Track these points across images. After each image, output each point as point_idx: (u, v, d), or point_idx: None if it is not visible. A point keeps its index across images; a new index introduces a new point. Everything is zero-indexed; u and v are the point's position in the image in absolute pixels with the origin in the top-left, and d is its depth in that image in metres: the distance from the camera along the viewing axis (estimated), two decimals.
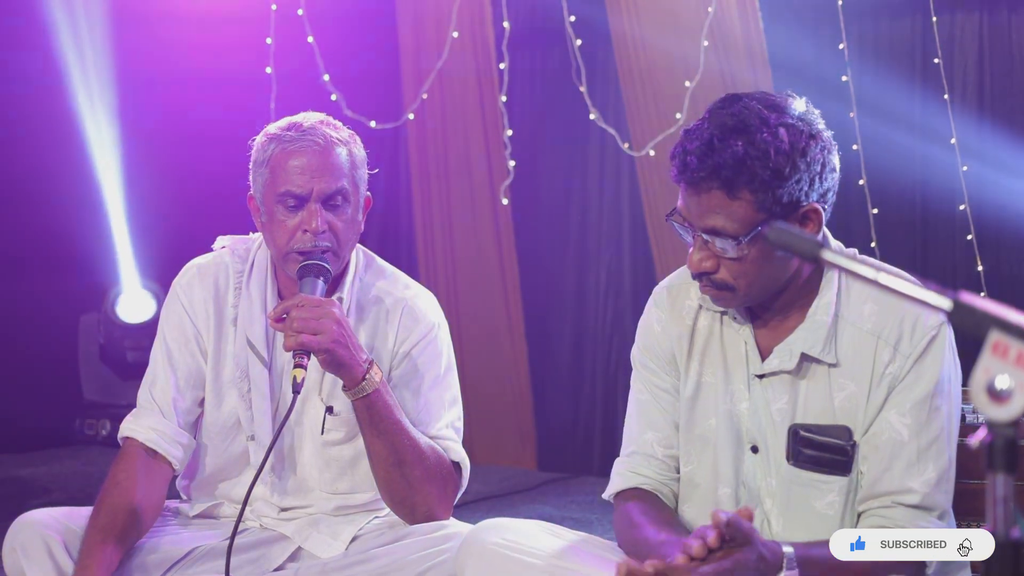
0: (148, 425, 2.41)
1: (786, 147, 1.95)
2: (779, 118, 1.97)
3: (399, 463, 2.31)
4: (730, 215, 1.95)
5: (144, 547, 2.36)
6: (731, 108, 1.99)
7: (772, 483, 2.10)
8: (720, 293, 2.04)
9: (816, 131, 2.00)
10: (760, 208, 1.95)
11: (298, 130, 2.33)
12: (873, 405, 2.04)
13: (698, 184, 1.96)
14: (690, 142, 1.97)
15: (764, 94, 2.03)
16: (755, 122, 1.95)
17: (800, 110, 2.01)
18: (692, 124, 2.02)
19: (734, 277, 2.00)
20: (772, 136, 1.94)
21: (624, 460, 2.24)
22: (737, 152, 1.93)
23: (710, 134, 1.95)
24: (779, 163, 1.94)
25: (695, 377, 2.18)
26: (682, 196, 2.02)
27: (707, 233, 1.98)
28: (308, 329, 2.20)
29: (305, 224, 2.30)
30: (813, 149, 1.98)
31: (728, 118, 1.97)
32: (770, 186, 1.94)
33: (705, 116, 2.01)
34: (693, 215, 1.99)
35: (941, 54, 4.54)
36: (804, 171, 1.97)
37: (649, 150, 4.85)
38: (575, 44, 4.99)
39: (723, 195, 1.95)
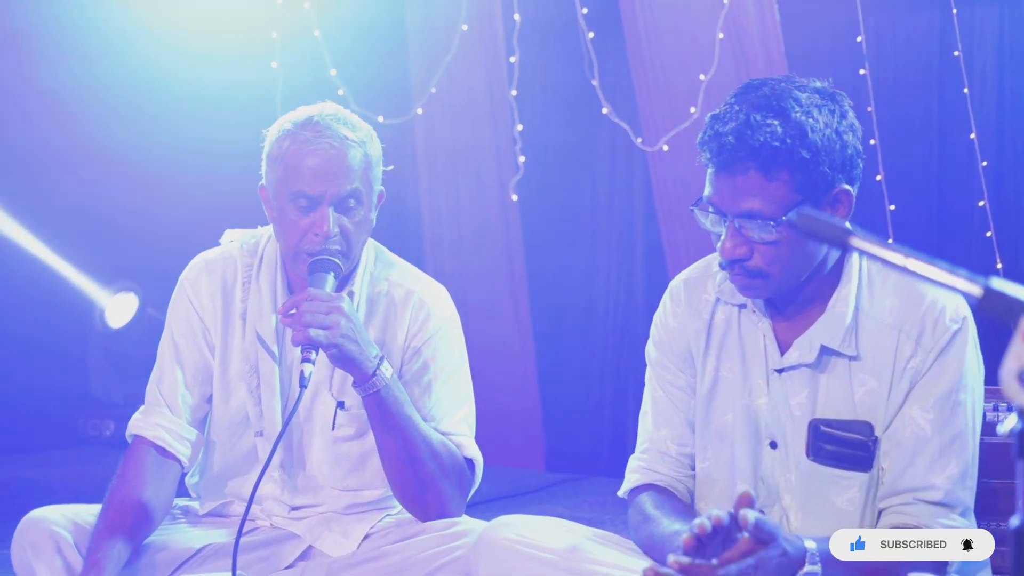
0: (156, 422, 2.38)
1: (821, 127, 1.93)
2: (812, 99, 1.95)
3: (411, 460, 2.28)
4: (767, 197, 1.92)
5: (153, 545, 2.33)
6: (761, 90, 1.97)
7: (791, 479, 2.06)
8: (752, 281, 1.99)
9: (846, 112, 1.99)
10: (797, 189, 1.93)
11: (314, 129, 2.28)
12: (895, 400, 2.01)
13: (733, 166, 1.92)
14: (723, 124, 1.94)
15: (790, 77, 2.01)
16: (790, 103, 1.93)
17: (828, 93, 1.99)
18: (718, 110, 1.99)
19: (767, 263, 1.96)
20: (808, 116, 1.93)
21: (638, 457, 2.22)
22: (775, 132, 1.90)
23: (746, 115, 1.92)
24: (815, 143, 1.92)
25: (712, 372, 2.15)
26: (712, 182, 1.98)
27: (742, 217, 1.94)
28: (317, 324, 2.17)
29: (316, 227, 2.26)
30: (845, 131, 1.97)
31: (760, 99, 1.94)
32: (807, 166, 1.92)
33: (732, 100, 1.98)
34: (726, 200, 1.95)
35: (961, 47, 4.48)
36: (838, 152, 1.96)
37: (663, 145, 4.80)
38: (587, 37, 4.93)
39: (760, 176, 1.92)
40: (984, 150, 4.50)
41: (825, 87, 2.01)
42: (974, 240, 4.56)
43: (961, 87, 4.48)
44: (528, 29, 5.10)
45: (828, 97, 1.98)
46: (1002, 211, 4.53)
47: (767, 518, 1.81)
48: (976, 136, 4.45)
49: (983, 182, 4.43)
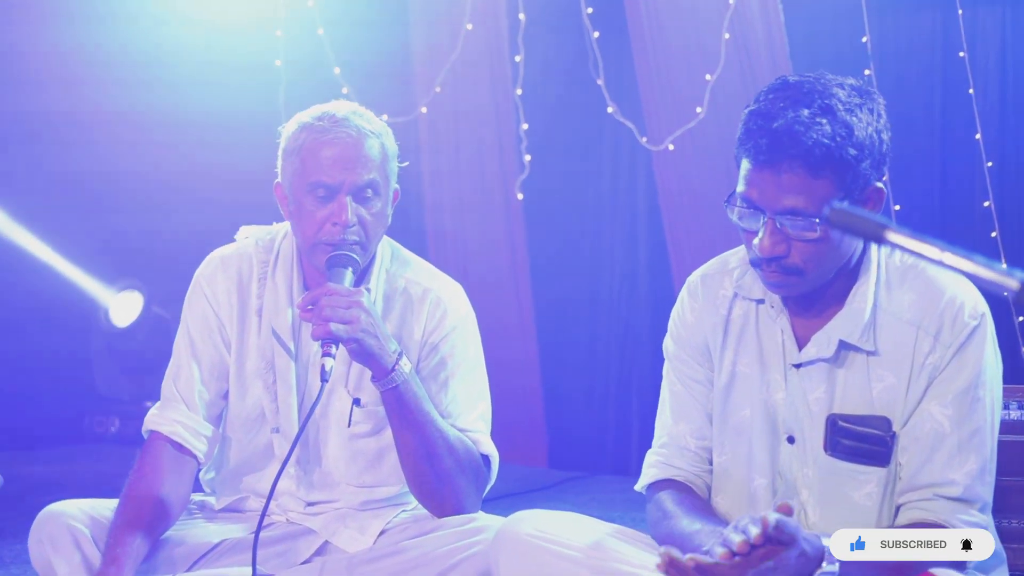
0: (173, 418, 2.38)
1: (864, 126, 1.94)
2: (852, 97, 1.96)
3: (428, 455, 2.28)
4: (811, 195, 1.92)
5: (171, 540, 2.33)
6: (801, 87, 1.96)
7: (809, 474, 2.07)
8: (787, 279, 1.99)
9: (882, 112, 2.00)
10: (839, 187, 1.93)
11: (331, 120, 2.29)
12: (913, 396, 2.02)
13: (779, 164, 1.92)
14: (770, 121, 1.92)
15: (824, 75, 2.01)
16: (834, 101, 1.93)
17: (864, 91, 1.99)
18: (757, 105, 1.97)
19: (804, 261, 1.96)
20: (852, 115, 1.93)
21: (656, 451, 2.22)
22: (826, 131, 1.90)
23: (795, 112, 1.91)
24: (861, 142, 1.93)
25: (729, 367, 2.15)
26: (750, 178, 1.96)
27: (784, 214, 1.93)
28: (337, 318, 2.17)
29: (335, 217, 2.26)
30: (883, 129, 1.98)
31: (803, 96, 1.93)
32: (851, 165, 1.93)
33: (772, 96, 1.96)
34: (767, 197, 1.94)
35: (966, 47, 4.50)
36: (877, 151, 1.97)
37: (668, 144, 4.81)
38: (592, 36, 4.94)
39: (806, 175, 1.91)
40: (988, 150, 4.52)
41: (861, 85, 2.01)
42: (979, 240, 4.57)
43: (964, 87, 4.49)
44: (533, 28, 5.11)
45: (866, 95, 1.98)
46: (1006, 211, 4.55)
47: (788, 519, 1.81)
48: (981, 136, 4.47)
49: (988, 182, 4.45)
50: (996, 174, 4.50)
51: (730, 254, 2.25)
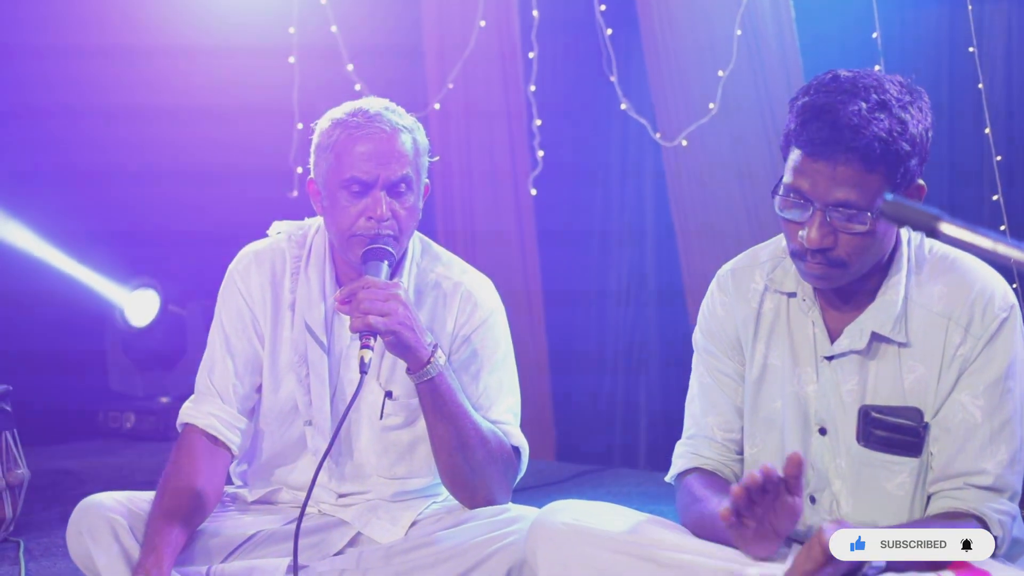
0: (207, 411, 2.41)
1: (916, 124, 1.97)
2: (903, 94, 1.98)
3: (462, 447, 2.31)
4: (864, 188, 1.94)
5: (206, 531, 2.36)
6: (856, 82, 1.98)
7: (841, 464, 2.10)
8: (831, 271, 2.01)
9: (928, 110, 2.03)
10: (889, 182, 1.96)
11: (364, 116, 2.32)
12: (944, 387, 2.05)
13: (837, 156, 1.94)
14: (826, 114, 1.94)
15: (871, 71, 2.04)
16: (890, 97, 1.96)
17: (912, 88, 2.02)
18: (809, 97, 1.99)
19: (849, 253, 1.98)
20: (907, 113, 1.96)
21: (685, 442, 2.26)
22: (884, 127, 1.93)
23: (855, 106, 1.93)
24: (913, 139, 1.96)
25: (761, 360, 2.18)
26: (801, 169, 1.98)
27: (835, 207, 1.95)
28: (375, 311, 2.19)
29: (369, 211, 2.29)
30: (929, 128, 2.02)
31: (861, 91, 1.95)
32: (903, 161, 1.95)
33: (825, 89, 1.98)
34: (819, 189, 1.96)
35: (976, 42, 4.53)
36: (925, 148, 2.00)
37: (681, 140, 4.84)
38: (605, 33, 4.97)
39: (861, 168, 1.94)
40: (997, 145, 4.55)
41: (909, 82, 2.03)
42: None
43: (973, 82, 4.52)
44: (546, 25, 5.12)
45: (915, 93, 2.01)
46: (1015, 205, 4.57)
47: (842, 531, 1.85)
48: (990, 130, 4.50)
49: (997, 176, 4.48)
50: (1004, 168, 4.53)
51: (760, 247, 2.28)
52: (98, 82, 5.25)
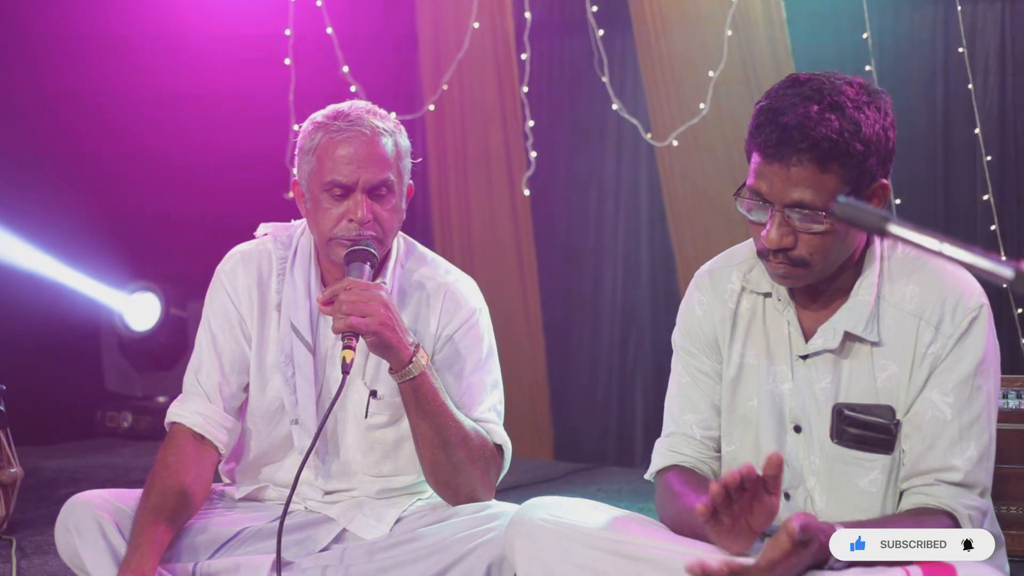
0: (195, 410, 2.45)
1: (872, 123, 2.00)
2: (860, 95, 2.01)
3: (444, 445, 2.35)
4: (819, 189, 1.98)
5: (193, 528, 2.40)
6: (810, 84, 2.01)
7: (815, 462, 2.13)
8: (794, 270, 2.05)
9: (889, 110, 2.06)
10: (846, 182, 1.99)
11: (345, 119, 2.36)
12: (915, 385, 2.08)
13: (789, 158, 1.97)
14: (780, 116, 1.98)
15: (833, 73, 2.06)
16: (843, 99, 1.99)
17: (872, 90, 2.05)
18: (767, 100, 2.03)
19: (810, 253, 2.02)
20: (860, 112, 1.99)
21: (664, 440, 2.29)
22: (834, 126, 1.96)
23: (805, 108, 1.97)
24: (868, 138, 1.99)
25: (738, 359, 2.21)
26: (760, 171, 2.02)
27: (792, 207, 1.99)
28: (357, 311, 2.23)
29: (350, 213, 2.33)
30: (889, 127, 2.04)
31: (813, 93, 1.99)
32: (858, 160, 1.99)
33: (782, 92, 2.02)
34: (776, 190, 2.00)
35: (965, 43, 4.56)
36: (884, 148, 2.03)
37: (672, 140, 4.88)
38: (597, 34, 5.00)
39: (815, 168, 1.97)
40: (987, 145, 4.58)
41: (868, 84, 2.06)
42: (978, 234, 4.63)
43: (965, 83, 4.55)
44: (539, 27, 5.17)
45: (874, 94, 2.04)
46: (1006, 205, 4.60)
47: (808, 520, 1.88)
48: (980, 131, 4.52)
49: (987, 176, 4.50)
50: (996, 168, 4.56)
51: (737, 248, 2.31)
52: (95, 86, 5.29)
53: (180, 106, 5.38)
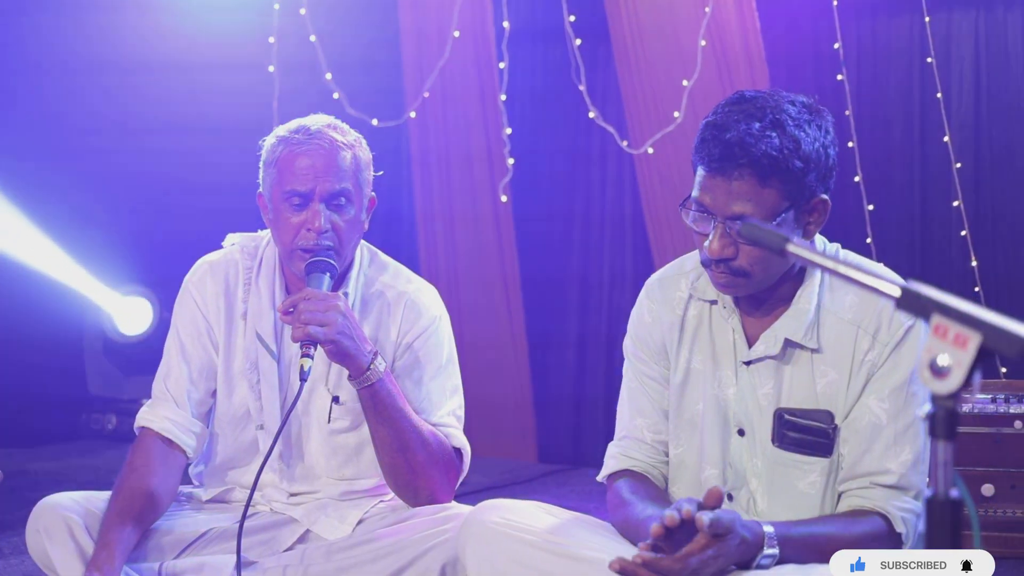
0: (163, 415, 2.52)
1: (811, 141, 2.08)
2: (802, 113, 2.09)
3: (403, 449, 2.42)
4: (759, 203, 2.06)
5: (160, 529, 2.47)
6: (755, 102, 2.09)
7: (758, 464, 2.21)
8: (734, 279, 2.12)
9: (830, 128, 2.14)
10: (785, 196, 2.07)
11: (305, 133, 2.43)
12: (853, 391, 2.15)
13: (730, 172, 2.05)
14: (723, 132, 2.06)
15: (778, 91, 2.14)
16: (784, 116, 2.07)
17: (815, 108, 2.13)
18: (714, 116, 2.10)
19: (751, 264, 2.09)
20: (800, 130, 2.07)
21: (616, 444, 2.36)
22: (774, 143, 2.04)
23: (746, 124, 2.05)
24: (807, 155, 2.06)
25: (684, 364, 2.29)
26: (703, 185, 2.10)
27: (733, 220, 2.07)
28: (315, 321, 2.30)
29: (309, 223, 2.40)
30: (829, 144, 2.12)
31: (756, 111, 2.07)
32: (797, 176, 2.06)
33: (728, 109, 2.10)
34: (718, 202, 2.08)
35: (934, 53, 4.63)
36: (823, 164, 2.10)
37: (648, 148, 4.95)
38: (574, 43, 5.08)
39: (755, 183, 2.05)
40: (963, 152, 4.65)
41: (811, 103, 2.14)
42: (951, 239, 4.70)
43: (935, 91, 4.62)
44: (517, 36, 5.24)
45: (815, 112, 2.12)
46: (978, 211, 4.67)
47: (721, 514, 1.95)
48: (950, 139, 4.59)
49: (957, 183, 4.57)
50: (970, 175, 4.63)
51: (686, 257, 2.39)
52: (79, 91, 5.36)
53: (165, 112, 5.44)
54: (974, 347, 1.15)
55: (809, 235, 2.15)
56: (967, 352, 1.16)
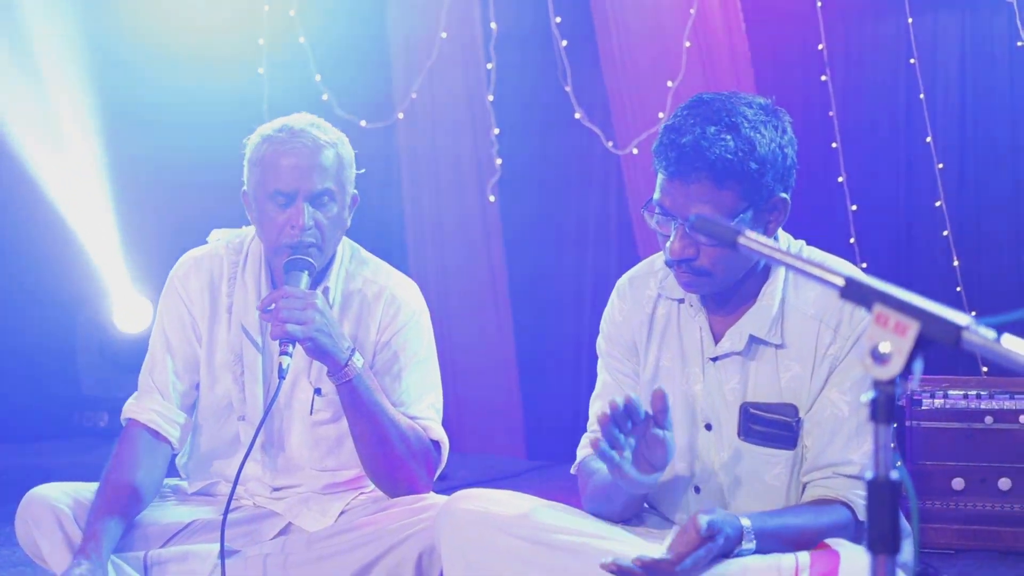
0: (149, 407, 2.58)
1: (767, 142, 2.12)
2: (758, 115, 2.14)
3: (381, 442, 2.48)
4: (717, 205, 2.11)
5: (146, 519, 2.53)
6: (711, 105, 2.14)
7: (725, 457, 2.27)
8: (697, 279, 2.18)
9: (787, 128, 2.19)
10: (743, 197, 2.12)
11: (289, 132, 2.49)
12: (816, 384, 2.21)
13: (688, 175, 2.10)
14: (679, 136, 2.11)
15: (736, 93, 2.19)
16: (740, 119, 2.11)
17: (771, 109, 2.18)
18: (672, 120, 2.16)
19: (712, 264, 2.15)
20: (756, 132, 2.12)
21: (587, 436, 2.44)
22: (729, 147, 2.09)
23: (701, 128, 2.10)
24: (763, 156, 2.11)
25: (654, 361, 2.35)
26: (664, 187, 2.15)
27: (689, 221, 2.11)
28: (293, 319, 2.36)
29: (292, 220, 2.46)
30: (786, 145, 2.17)
31: (712, 114, 2.12)
32: (754, 177, 2.11)
33: (685, 113, 2.15)
34: (677, 205, 2.13)
35: (917, 54, 4.69)
36: (780, 164, 2.15)
37: (632, 148, 5.00)
38: (561, 45, 5.13)
39: (712, 185, 2.10)
40: (947, 152, 4.69)
41: (768, 104, 2.19)
42: (933, 239, 4.74)
43: (918, 92, 4.68)
44: (504, 37, 5.30)
45: (771, 113, 2.17)
46: (961, 211, 4.71)
47: (715, 517, 2.02)
48: (933, 139, 4.65)
49: (939, 184, 4.63)
50: (951, 175, 4.68)
51: (656, 257, 2.44)
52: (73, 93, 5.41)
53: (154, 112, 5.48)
54: (912, 335, 1.21)
55: (770, 233, 2.20)
56: (906, 339, 1.22)
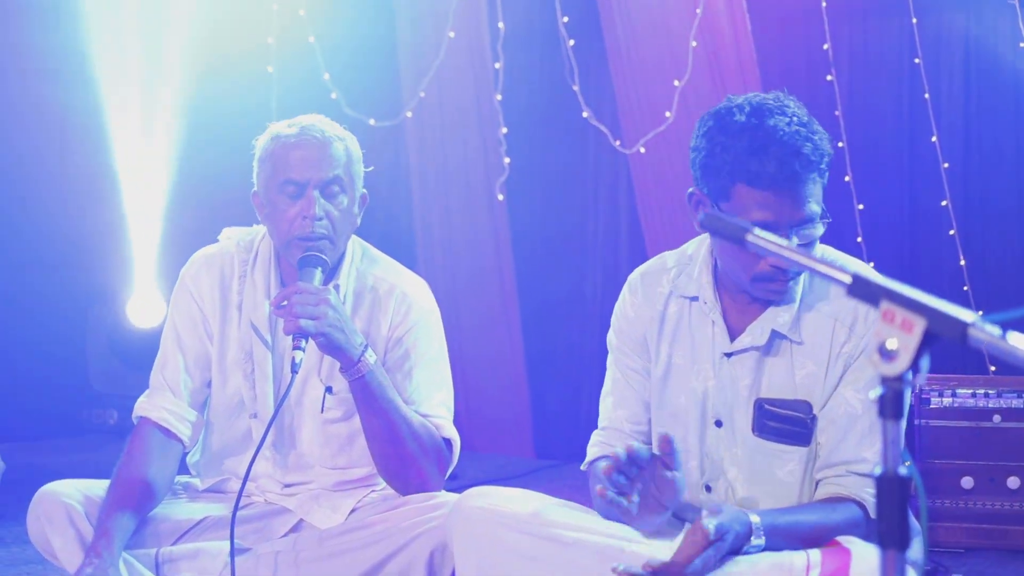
0: (160, 405, 2.59)
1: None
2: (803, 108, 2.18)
3: (393, 439, 2.48)
4: (819, 197, 2.15)
5: (157, 516, 2.54)
6: (788, 105, 2.16)
7: (738, 453, 2.27)
8: (790, 284, 2.21)
9: None
10: (824, 187, 2.17)
11: (298, 127, 2.52)
12: (830, 382, 2.22)
13: (802, 177, 2.10)
14: (790, 140, 2.09)
15: (775, 94, 2.21)
16: (804, 112, 2.16)
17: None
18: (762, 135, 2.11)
19: None
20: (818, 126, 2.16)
21: (598, 434, 2.45)
22: (824, 138, 2.15)
23: (806, 129, 2.12)
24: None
25: (666, 359, 2.35)
26: (767, 204, 2.11)
27: (804, 224, 2.11)
28: (306, 314, 2.36)
29: (304, 211, 2.47)
30: None
31: (793, 114, 2.14)
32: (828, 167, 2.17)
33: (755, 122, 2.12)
34: (787, 214, 2.10)
35: (922, 55, 4.69)
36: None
37: (640, 147, 5.01)
38: (568, 44, 5.14)
39: (819, 179, 2.14)
40: (952, 152, 4.70)
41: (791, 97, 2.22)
42: (940, 239, 4.75)
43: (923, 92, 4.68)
44: (512, 37, 5.30)
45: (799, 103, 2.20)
46: (966, 210, 4.72)
47: (723, 519, 2.02)
48: (938, 139, 4.65)
49: (945, 183, 4.63)
50: (956, 175, 4.68)
51: (668, 254, 2.45)
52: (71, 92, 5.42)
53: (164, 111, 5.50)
54: (919, 331, 1.22)
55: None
56: (913, 336, 1.22)
